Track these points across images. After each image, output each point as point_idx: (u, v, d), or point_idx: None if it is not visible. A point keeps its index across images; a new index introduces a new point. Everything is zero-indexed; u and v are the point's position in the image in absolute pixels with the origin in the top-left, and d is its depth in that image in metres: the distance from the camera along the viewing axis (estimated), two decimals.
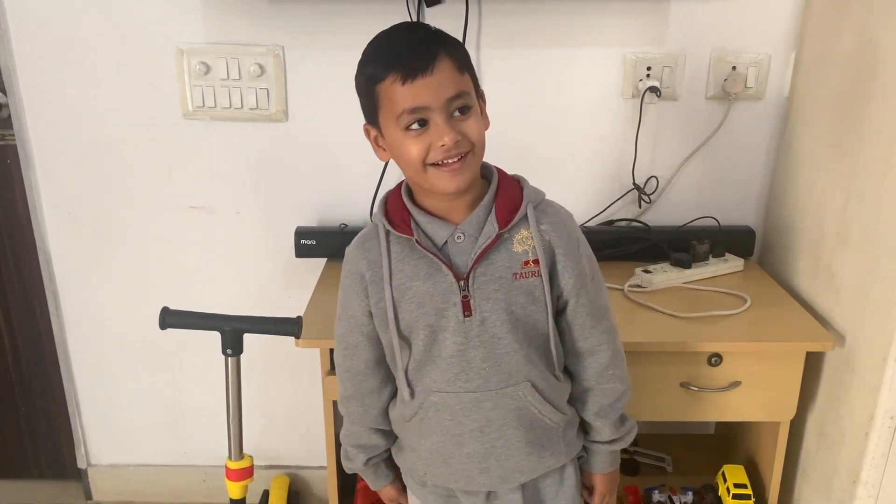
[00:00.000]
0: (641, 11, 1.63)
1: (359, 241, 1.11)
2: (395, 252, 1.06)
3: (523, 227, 1.06)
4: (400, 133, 0.99)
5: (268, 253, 1.81)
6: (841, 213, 1.42)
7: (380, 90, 0.99)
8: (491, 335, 1.05)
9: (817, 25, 1.55)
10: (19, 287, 1.89)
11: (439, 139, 0.97)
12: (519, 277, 1.05)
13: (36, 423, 2.04)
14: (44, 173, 1.76)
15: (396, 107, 0.97)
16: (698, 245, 1.65)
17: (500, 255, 1.05)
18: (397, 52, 0.99)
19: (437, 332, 1.06)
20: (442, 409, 1.09)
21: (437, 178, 0.99)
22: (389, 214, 1.08)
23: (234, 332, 1.35)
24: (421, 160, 0.98)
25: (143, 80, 1.68)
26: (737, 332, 1.43)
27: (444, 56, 0.97)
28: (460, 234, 1.04)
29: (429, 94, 0.96)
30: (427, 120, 0.97)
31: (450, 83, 0.97)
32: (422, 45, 0.98)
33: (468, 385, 1.07)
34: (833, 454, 1.43)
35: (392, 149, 1.02)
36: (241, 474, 1.44)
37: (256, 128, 1.71)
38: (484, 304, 1.04)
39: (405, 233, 1.05)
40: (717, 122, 1.70)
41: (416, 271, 1.05)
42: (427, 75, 0.95)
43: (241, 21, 1.63)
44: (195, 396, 1.96)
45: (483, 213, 1.05)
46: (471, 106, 1.00)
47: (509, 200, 1.06)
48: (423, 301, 1.05)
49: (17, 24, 1.64)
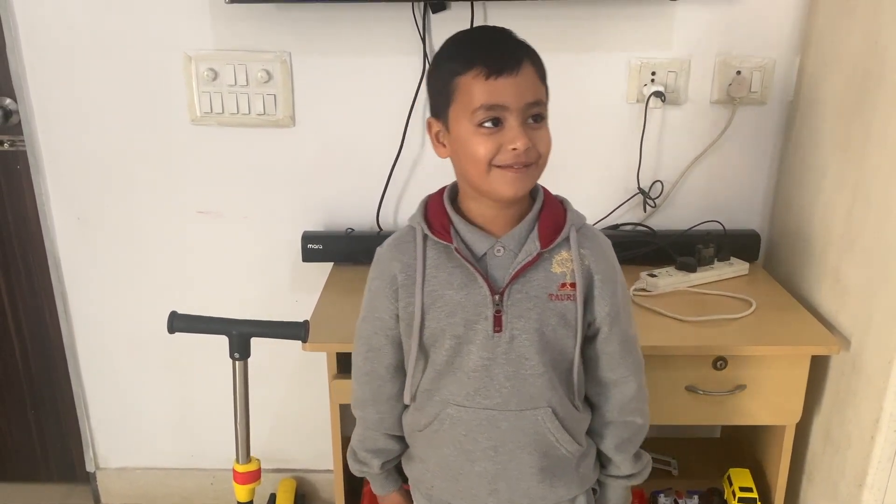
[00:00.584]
0: (646, 16, 1.63)
1: (393, 242, 1.09)
2: (431, 258, 1.04)
3: (564, 249, 1.04)
4: (471, 128, 0.96)
5: (275, 257, 1.82)
6: (847, 216, 1.42)
7: (459, 82, 0.96)
8: (518, 354, 1.03)
9: (822, 30, 1.55)
10: (29, 291, 1.91)
11: (511, 142, 0.95)
12: (554, 299, 1.03)
13: (45, 426, 2.05)
14: (53, 178, 1.78)
15: (474, 101, 0.95)
16: (703, 249, 1.65)
17: (538, 274, 1.03)
18: (485, 48, 0.98)
19: (462, 343, 1.04)
20: (457, 422, 1.07)
21: (500, 181, 0.97)
22: (429, 218, 1.05)
23: (242, 336, 1.35)
24: (488, 160, 0.96)
25: (152, 87, 1.69)
26: (742, 335, 1.43)
27: (528, 62, 0.97)
28: (500, 247, 1.02)
29: (510, 94, 0.94)
30: (501, 120, 0.95)
31: (531, 88, 0.96)
32: (510, 46, 0.98)
33: (487, 402, 1.05)
34: (839, 458, 1.43)
35: (456, 145, 0.99)
36: (248, 477, 1.44)
37: (264, 133, 1.73)
38: (516, 322, 1.02)
39: (444, 239, 1.02)
40: (721, 127, 1.70)
41: (451, 280, 1.03)
42: (511, 75, 0.94)
43: (248, 27, 1.65)
44: (203, 400, 1.97)
45: (526, 229, 1.03)
46: (545, 117, 0.99)
47: (553, 220, 1.04)
48: (454, 311, 1.03)
49: (27, 31, 1.66)
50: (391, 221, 1.79)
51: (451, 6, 1.62)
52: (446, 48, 1.02)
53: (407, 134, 1.71)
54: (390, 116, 1.70)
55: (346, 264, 1.74)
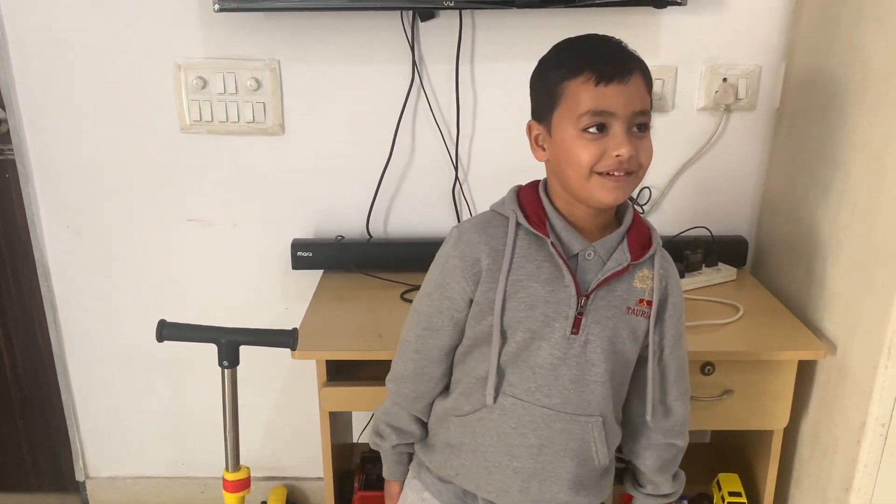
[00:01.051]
0: (633, 24, 1.65)
1: (479, 225, 1.06)
2: (521, 247, 1.03)
3: (647, 267, 1.06)
4: (575, 133, 0.96)
5: (264, 265, 1.82)
6: (833, 222, 1.43)
7: (567, 86, 0.97)
8: (588, 359, 1.04)
9: (807, 37, 1.57)
10: (18, 300, 1.90)
11: (616, 148, 0.95)
12: (630, 312, 1.05)
13: (34, 435, 2.04)
14: (43, 187, 1.77)
15: (581, 106, 0.95)
16: (691, 255, 1.66)
17: (622, 285, 1.04)
18: (596, 55, 0.98)
19: (535, 339, 1.03)
20: (509, 415, 1.06)
21: (599, 187, 0.97)
22: (524, 208, 1.05)
23: (231, 344, 1.35)
24: (590, 166, 0.96)
25: (141, 95, 1.69)
26: (730, 340, 1.44)
27: (639, 72, 0.98)
28: (592, 251, 1.03)
29: (618, 101, 0.95)
30: (607, 126, 0.96)
31: (639, 97, 0.97)
32: (621, 55, 0.99)
33: (547, 401, 1.05)
34: (826, 462, 1.44)
35: (558, 149, 1.00)
36: (237, 485, 1.44)
37: (253, 141, 1.73)
38: (593, 327, 1.03)
39: (540, 230, 1.02)
40: (709, 134, 1.71)
41: (539, 273, 1.02)
42: (621, 83, 0.95)
43: (237, 36, 1.65)
44: (193, 408, 1.97)
45: (617, 239, 1.04)
46: (649, 127, 0.99)
47: (641, 236, 1.06)
48: (535, 304, 1.02)
49: (16, 39, 1.66)
50: (381, 229, 1.80)
51: (439, 15, 1.63)
52: (555, 52, 1.03)
53: (396, 142, 1.72)
54: (380, 124, 1.71)
55: (336, 272, 1.74)
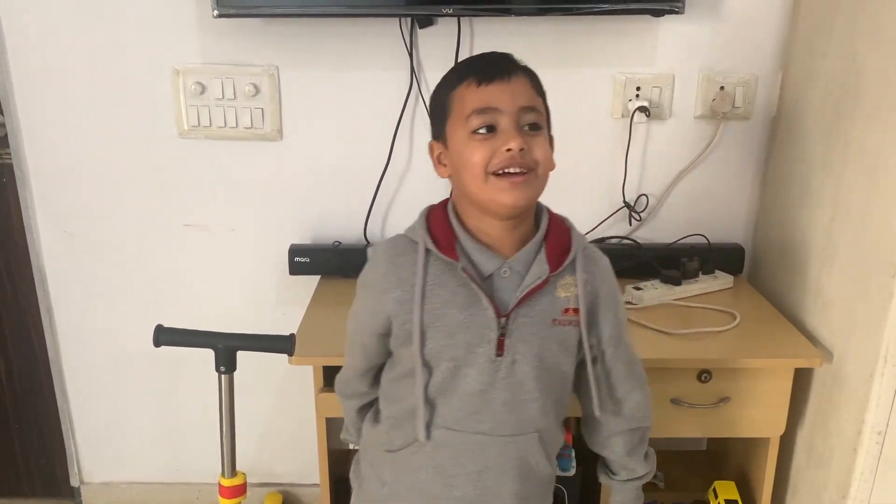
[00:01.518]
0: (631, 32, 1.66)
1: (389, 254, 1.03)
2: (433, 274, 0.99)
3: (568, 274, 1.01)
4: (466, 136, 0.95)
5: (262, 270, 1.82)
6: (828, 230, 1.44)
7: (453, 95, 0.97)
8: (517, 380, 1.01)
9: (803, 46, 1.58)
10: (14, 304, 1.90)
11: (505, 143, 0.92)
12: (556, 324, 1.01)
13: (29, 440, 2.03)
14: (40, 192, 1.77)
15: (467, 108, 0.94)
16: (688, 262, 1.66)
17: (544, 297, 1.00)
18: (477, 62, 1.00)
19: (461, 366, 1.00)
20: (443, 447, 1.04)
21: (498, 190, 0.94)
22: (433, 232, 1.00)
23: (228, 350, 1.35)
24: (483, 166, 0.93)
25: (139, 100, 1.70)
26: (726, 348, 1.44)
27: (523, 73, 0.97)
28: (507, 269, 0.99)
29: (502, 97, 0.94)
30: (496, 126, 0.94)
31: (525, 93, 0.95)
32: (503, 59, 0.99)
33: (481, 427, 1.02)
34: (822, 470, 1.44)
35: (454, 158, 0.97)
36: (233, 491, 1.44)
37: (251, 147, 1.73)
38: (518, 346, 1.00)
39: (450, 256, 0.98)
40: (705, 142, 1.72)
41: (454, 299, 0.98)
42: (503, 81, 0.94)
43: (236, 42, 1.65)
44: (188, 414, 1.96)
45: (533, 251, 1.00)
46: (542, 127, 0.97)
47: (559, 242, 1.02)
48: (455, 332, 0.99)
49: (14, 43, 1.66)
50: (378, 235, 1.80)
51: (437, 21, 1.63)
52: (445, 74, 1.02)
53: (394, 147, 1.72)
54: (378, 130, 1.71)
55: (334, 277, 1.74)
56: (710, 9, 1.63)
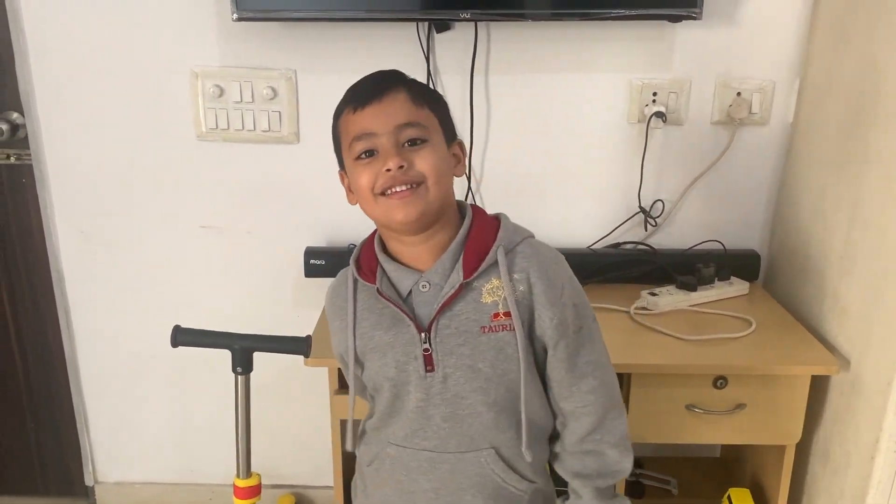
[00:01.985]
0: (648, 38, 1.66)
1: (331, 288, 1.10)
2: (361, 300, 1.03)
3: (493, 276, 0.97)
4: (352, 163, 0.96)
5: (277, 272, 1.83)
6: (846, 237, 1.43)
7: (339, 124, 0.99)
8: (454, 394, 0.99)
9: (821, 52, 1.57)
10: (32, 304, 1.91)
11: (384, 163, 0.93)
12: (487, 331, 0.97)
13: (44, 439, 2.05)
14: (58, 192, 1.79)
15: (348, 136, 0.96)
16: (704, 268, 1.66)
17: (467, 305, 0.97)
18: (356, 87, 0.99)
19: (399, 385, 1.01)
20: (397, 463, 1.05)
21: (387, 208, 0.95)
22: (360, 262, 1.04)
23: (245, 351, 1.35)
24: (370, 188, 0.95)
25: (158, 102, 1.71)
26: (742, 355, 1.44)
27: (399, 88, 0.96)
28: (425, 282, 0.98)
29: (376, 120, 0.94)
30: (376, 149, 0.94)
31: (400, 111, 0.95)
32: (379, 79, 0.99)
33: (426, 443, 1.02)
34: (839, 478, 1.43)
35: (352, 185, 0.99)
36: (248, 492, 1.44)
37: (268, 149, 1.74)
38: (447, 360, 0.98)
39: (369, 281, 1.01)
40: (722, 147, 1.72)
41: (381, 321, 1.01)
42: (375, 103, 0.95)
43: (254, 45, 1.67)
44: (202, 415, 1.97)
45: (450, 260, 0.98)
46: (426, 139, 0.95)
47: (479, 246, 0.98)
48: (385, 352, 1.01)
49: (36, 46, 1.68)
50: None
51: (454, 26, 1.64)
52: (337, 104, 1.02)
53: None
54: None
55: None
56: (728, 15, 1.63)
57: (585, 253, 1.76)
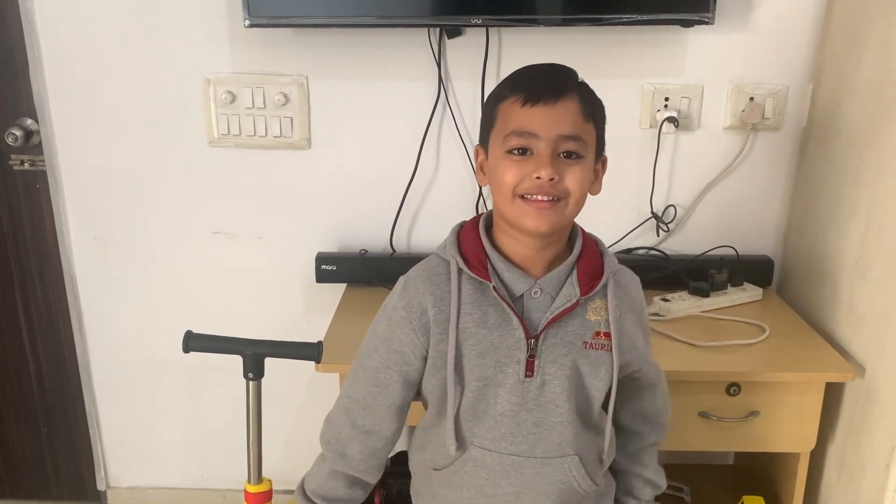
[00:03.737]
0: (660, 43, 1.65)
1: (423, 273, 1.03)
2: (466, 293, 0.99)
3: (599, 297, 1.02)
4: (501, 154, 0.95)
5: (289, 278, 1.84)
6: (860, 243, 1.42)
7: (500, 108, 0.96)
8: (548, 400, 1.01)
9: (835, 57, 1.56)
10: (45, 308, 1.92)
11: (536, 170, 0.92)
12: (588, 347, 1.01)
13: (57, 443, 2.06)
14: (72, 198, 1.80)
15: (507, 126, 0.94)
16: (716, 274, 1.65)
17: (575, 320, 1.00)
18: (531, 77, 0.97)
19: (490, 386, 1.00)
20: (480, 466, 1.03)
21: (523, 212, 0.94)
22: (464, 252, 1.01)
23: (256, 357, 1.36)
24: (512, 187, 0.94)
25: (171, 108, 1.72)
26: (755, 361, 1.43)
27: (574, 95, 0.94)
28: (538, 289, 0.99)
29: (543, 123, 0.92)
30: (531, 150, 0.93)
31: (568, 121, 0.93)
32: (556, 77, 0.96)
33: (514, 448, 1.02)
34: (854, 486, 1.41)
35: (491, 171, 0.98)
36: (260, 498, 1.44)
37: (280, 155, 1.75)
38: (548, 368, 1.00)
39: (482, 276, 0.98)
40: (735, 153, 1.71)
41: (485, 318, 0.99)
42: (548, 105, 0.93)
43: (266, 51, 1.67)
44: (214, 420, 1.98)
45: (564, 273, 1.00)
46: (582, 156, 0.95)
47: (591, 266, 1.02)
48: (486, 351, 0.99)
49: (50, 52, 1.69)
50: (404, 243, 1.80)
51: (466, 32, 1.64)
52: (501, 82, 1.00)
53: (421, 157, 1.72)
54: (405, 140, 1.72)
55: (360, 285, 1.75)
56: (741, 19, 1.62)
57: None
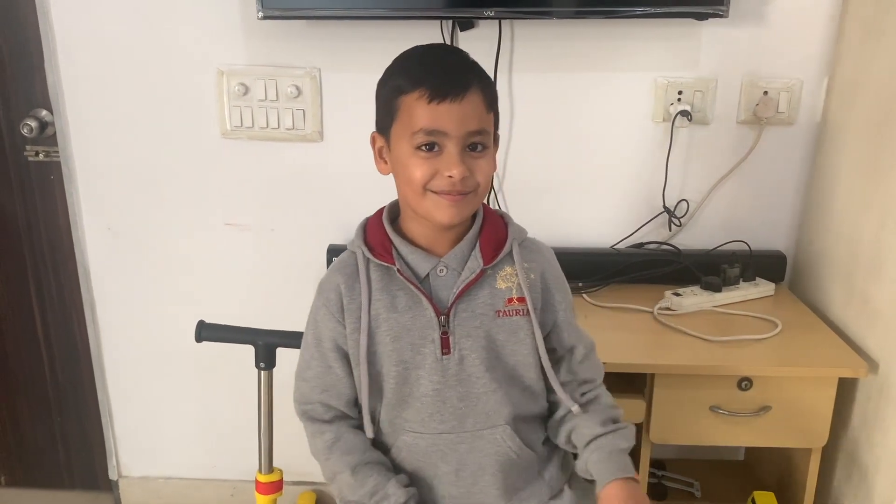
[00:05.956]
0: (673, 36, 1.64)
1: (334, 268, 1.08)
2: (374, 280, 1.02)
3: (507, 265, 1.04)
4: (409, 150, 0.96)
5: (301, 269, 1.84)
6: (875, 239, 1.41)
7: (402, 102, 0.96)
8: (469, 374, 1.02)
9: (851, 51, 1.55)
10: (58, 299, 1.94)
11: (448, 169, 0.94)
12: (501, 315, 1.03)
13: (70, 433, 2.07)
14: (86, 189, 1.81)
15: (414, 123, 0.94)
16: (729, 269, 1.64)
17: (483, 291, 1.02)
18: (431, 69, 0.97)
19: (410, 369, 1.02)
20: (414, 450, 1.05)
21: (435, 206, 0.96)
22: (369, 241, 1.04)
23: (268, 347, 1.37)
24: (423, 183, 0.95)
25: (184, 100, 1.72)
26: (767, 356, 1.42)
27: (477, 89, 0.95)
28: (443, 267, 1.02)
29: (451, 121, 0.93)
30: (440, 145, 0.94)
31: (475, 117, 0.95)
32: (458, 70, 0.96)
33: (443, 426, 1.03)
34: (866, 483, 1.41)
35: (395, 164, 0.99)
36: (270, 488, 1.45)
37: (292, 147, 1.75)
38: (464, 342, 1.01)
39: (386, 261, 1.01)
40: (748, 147, 1.70)
41: (395, 303, 1.01)
42: (455, 101, 0.93)
43: (279, 44, 1.67)
44: (225, 411, 1.98)
45: (467, 247, 1.02)
46: (487, 147, 0.97)
47: (494, 236, 1.04)
48: (400, 335, 1.01)
49: (65, 45, 1.70)
50: None
51: (478, 24, 1.64)
52: (397, 63, 1.01)
53: None
54: None
55: None
56: (755, 12, 1.61)
57: (609, 253, 1.75)
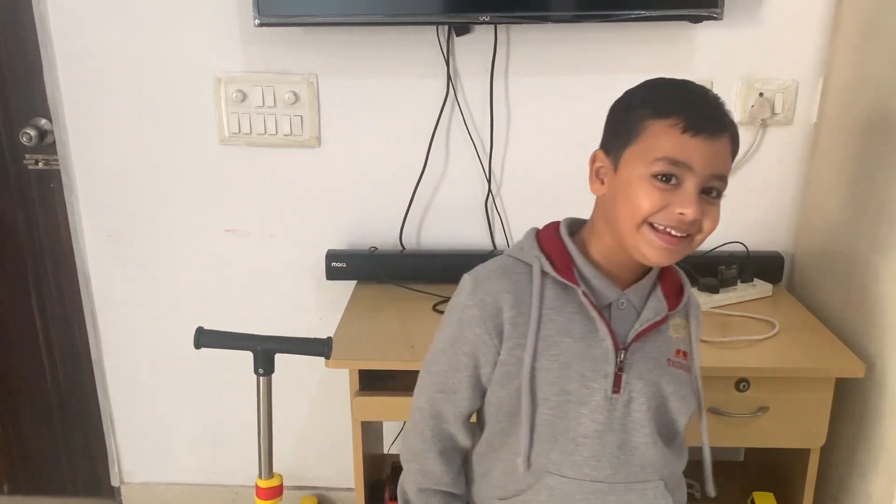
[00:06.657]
0: (668, 39, 1.65)
1: (497, 271, 0.95)
2: (548, 297, 0.92)
3: (680, 315, 0.97)
4: (643, 176, 0.87)
5: (299, 275, 1.85)
6: (872, 239, 1.41)
7: (649, 125, 0.88)
8: (633, 420, 0.93)
9: (846, 51, 1.56)
10: (59, 306, 1.95)
11: (682, 206, 0.86)
12: (670, 364, 0.95)
13: (72, 439, 2.08)
14: (85, 196, 1.82)
15: (659, 150, 0.86)
16: (726, 270, 1.65)
17: (659, 335, 0.95)
18: (691, 100, 0.90)
19: (572, 403, 0.92)
20: (557, 495, 0.94)
21: (647, 243, 0.88)
22: (548, 253, 0.94)
23: (266, 352, 1.37)
24: (646, 214, 0.87)
25: (182, 107, 1.73)
26: (765, 357, 1.42)
27: (730, 134, 0.90)
28: (624, 300, 0.93)
29: (700, 157, 0.86)
30: (678, 179, 0.86)
31: (721, 159, 0.88)
32: (719, 111, 0.90)
33: (597, 473, 0.93)
34: (865, 482, 1.41)
35: (618, 186, 0.90)
36: (270, 493, 1.45)
37: (290, 153, 1.76)
38: (635, 383, 0.93)
39: (569, 279, 0.91)
40: (745, 148, 1.70)
41: (570, 326, 0.92)
42: (710, 139, 0.86)
43: (276, 50, 1.68)
44: (226, 417, 1.99)
45: (648, 285, 0.95)
46: (721, 195, 0.90)
47: (673, 280, 0.97)
48: (569, 362, 0.91)
49: (63, 53, 1.71)
50: (414, 240, 1.81)
51: (474, 29, 1.64)
52: (646, 89, 0.94)
53: (430, 155, 1.73)
54: (414, 137, 1.73)
55: (370, 283, 1.76)
56: (749, 14, 1.62)
57: None
